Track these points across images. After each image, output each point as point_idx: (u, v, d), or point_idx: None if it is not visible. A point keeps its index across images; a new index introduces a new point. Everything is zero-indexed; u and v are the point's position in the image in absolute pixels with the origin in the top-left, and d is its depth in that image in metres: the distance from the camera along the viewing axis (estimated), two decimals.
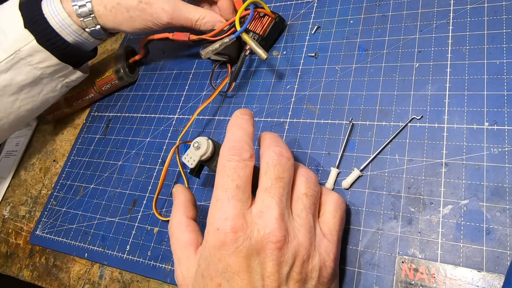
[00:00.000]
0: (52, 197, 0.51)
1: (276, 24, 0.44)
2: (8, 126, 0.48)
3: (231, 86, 0.44)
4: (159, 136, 0.47)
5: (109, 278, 0.42)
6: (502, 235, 0.28)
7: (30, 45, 0.42)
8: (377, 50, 0.39)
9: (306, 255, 0.27)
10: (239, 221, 0.26)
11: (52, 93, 0.48)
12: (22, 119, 0.48)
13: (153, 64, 0.55)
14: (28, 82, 0.45)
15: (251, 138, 0.30)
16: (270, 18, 0.43)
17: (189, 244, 0.30)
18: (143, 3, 0.43)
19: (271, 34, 0.44)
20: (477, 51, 0.35)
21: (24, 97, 0.46)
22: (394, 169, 0.33)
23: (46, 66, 0.44)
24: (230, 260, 0.26)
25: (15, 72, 0.43)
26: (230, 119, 0.31)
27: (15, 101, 0.45)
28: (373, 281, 0.30)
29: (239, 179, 0.27)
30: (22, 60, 0.43)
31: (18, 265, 0.49)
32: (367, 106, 0.37)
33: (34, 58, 0.43)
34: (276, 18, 0.44)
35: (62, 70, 0.46)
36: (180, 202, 0.33)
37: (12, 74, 0.43)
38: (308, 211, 0.28)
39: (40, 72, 0.44)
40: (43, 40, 0.43)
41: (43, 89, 0.47)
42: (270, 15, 0.43)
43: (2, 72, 0.43)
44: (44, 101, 0.48)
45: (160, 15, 0.43)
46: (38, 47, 0.43)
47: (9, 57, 0.42)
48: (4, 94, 0.44)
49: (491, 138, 0.31)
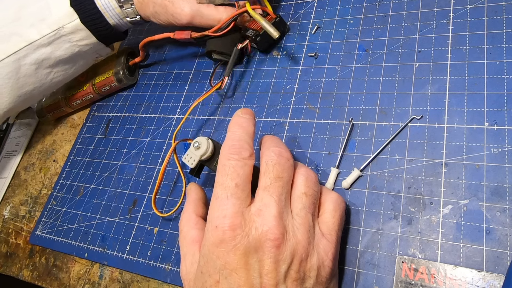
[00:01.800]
0: (52, 197, 0.51)
1: (276, 24, 0.43)
2: (37, 94, 0.50)
3: (223, 81, 0.43)
4: (159, 136, 0.47)
5: (109, 278, 0.42)
6: (502, 235, 0.28)
7: (73, 23, 0.44)
8: (377, 50, 0.39)
9: (305, 254, 0.27)
10: (237, 219, 0.26)
11: (81, 68, 0.51)
12: (51, 89, 0.51)
13: (153, 64, 0.55)
14: (66, 57, 0.47)
15: (251, 137, 0.30)
16: (270, 17, 0.43)
17: (195, 241, 0.31)
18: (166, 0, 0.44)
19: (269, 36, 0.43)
20: (477, 51, 0.35)
21: (57, 70, 0.48)
22: (394, 169, 0.33)
23: (85, 44, 0.47)
24: (228, 258, 0.26)
25: (55, 47, 0.46)
26: (231, 118, 0.31)
27: (49, 74, 0.48)
28: (373, 281, 0.30)
29: (238, 178, 0.28)
30: (64, 37, 0.45)
31: (18, 265, 0.49)
32: (367, 106, 0.37)
33: (75, 36, 0.45)
34: (277, 19, 0.44)
35: (97, 48, 0.48)
36: (191, 200, 0.34)
37: (52, 49, 0.46)
38: (307, 210, 0.28)
39: (78, 49, 0.47)
40: (87, 19, 0.45)
41: (75, 64, 0.49)
42: (272, 14, 0.43)
43: (43, 46, 0.45)
44: (73, 75, 0.51)
45: (180, 16, 0.44)
46: (80, 26, 0.45)
47: (52, 32, 0.44)
48: (41, 67, 0.47)
49: (491, 138, 0.31)
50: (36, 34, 0.44)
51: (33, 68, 0.46)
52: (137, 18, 0.47)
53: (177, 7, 0.44)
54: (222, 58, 0.45)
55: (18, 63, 0.45)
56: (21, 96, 0.48)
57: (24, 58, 0.45)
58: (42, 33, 0.44)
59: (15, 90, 0.47)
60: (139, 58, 0.53)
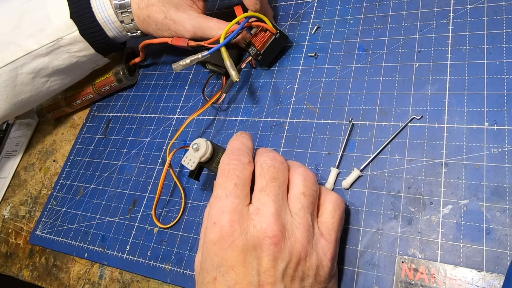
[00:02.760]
0: (52, 197, 0.51)
1: (276, 40, 0.42)
2: (33, 102, 0.50)
3: (221, 98, 0.43)
4: (159, 136, 0.47)
5: (109, 278, 0.42)
6: (502, 235, 0.28)
7: (72, 35, 0.44)
8: (377, 50, 0.39)
9: (304, 253, 0.27)
10: (235, 216, 0.27)
11: (78, 77, 0.51)
12: (47, 97, 0.51)
13: (153, 64, 0.55)
14: (63, 67, 0.47)
15: (250, 149, 0.32)
16: (270, 33, 0.42)
17: None
18: (167, 19, 0.44)
19: (270, 49, 0.42)
20: (477, 51, 0.35)
21: (54, 79, 0.48)
22: (394, 169, 0.33)
23: (83, 55, 0.47)
24: (225, 254, 0.26)
25: (53, 57, 0.46)
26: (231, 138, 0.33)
27: (46, 82, 0.48)
28: (373, 281, 0.30)
29: (237, 179, 0.29)
30: (62, 48, 0.45)
31: (18, 265, 0.49)
32: (367, 106, 0.37)
33: (74, 47, 0.45)
34: (277, 35, 0.42)
35: (95, 59, 0.49)
36: None
37: (49, 59, 0.46)
38: (306, 210, 0.28)
39: (76, 60, 0.47)
40: (86, 32, 0.45)
41: (72, 73, 0.50)
42: (271, 30, 0.41)
43: (41, 56, 0.45)
44: (70, 83, 0.51)
45: (183, 33, 0.44)
46: (79, 38, 0.45)
47: (50, 43, 0.44)
48: (38, 76, 0.47)
49: (491, 138, 0.31)
50: (34, 44, 0.44)
51: (30, 77, 0.46)
52: (138, 33, 0.47)
53: (178, 25, 0.44)
54: (216, 70, 0.45)
55: (16, 72, 0.45)
56: (16, 103, 0.48)
57: (21, 67, 0.45)
58: (41, 43, 0.44)
59: (11, 98, 0.47)
60: (139, 58, 0.53)
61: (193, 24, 0.44)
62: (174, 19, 0.44)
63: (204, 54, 0.40)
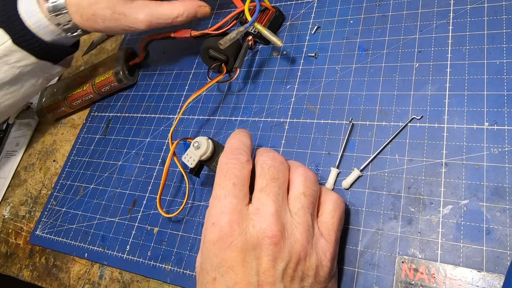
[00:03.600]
0: (52, 197, 0.51)
1: (276, 17, 0.44)
2: None
3: (236, 72, 0.42)
4: (159, 136, 0.47)
5: (109, 278, 0.42)
6: (502, 235, 0.28)
7: (5, 45, 0.41)
8: (377, 50, 0.39)
9: (303, 253, 0.27)
10: (234, 215, 0.27)
11: (32, 88, 0.47)
12: (3, 114, 0.48)
13: (153, 64, 0.55)
14: (7, 80, 0.44)
15: (249, 148, 0.32)
16: (270, 11, 0.44)
17: None
18: (116, 13, 0.41)
19: (271, 28, 0.44)
20: (477, 51, 0.35)
21: (4, 94, 0.45)
22: (394, 169, 0.33)
23: (24, 65, 0.43)
24: (225, 255, 0.26)
25: None
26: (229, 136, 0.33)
27: None
28: (373, 281, 0.30)
29: (236, 178, 0.28)
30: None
31: (18, 265, 0.49)
32: (367, 106, 0.37)
33: (11, 58, 0.42)
34: (277, 12, 0.44)
35: (42, 67, 0.45)
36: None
37: None
38: (306, 210, 0.28)
39: (19, 71, 0.44)
40: (20, 40, 0.41)
41: (23, 85, 0.46)
42: (271, 8, 0.43)
43: None
44: (25, 96, 0.48)
45: (137, 25, 0.42)
46: (14, 47, 0.42)
47: None
48: None
49: (491, 138, 0.31)
50: None
51: None
52: (78, 31, 0.44)
53: (130, 17, 0.41)
54: (218, 56, 0.45)
55: None
56: None
57: None
58: None
59: None
60: (139, 58, 0.53)
61: (146, 13, 0.41)
62: (123, 13, 0.41)
63: (246, 26, 0.40)
